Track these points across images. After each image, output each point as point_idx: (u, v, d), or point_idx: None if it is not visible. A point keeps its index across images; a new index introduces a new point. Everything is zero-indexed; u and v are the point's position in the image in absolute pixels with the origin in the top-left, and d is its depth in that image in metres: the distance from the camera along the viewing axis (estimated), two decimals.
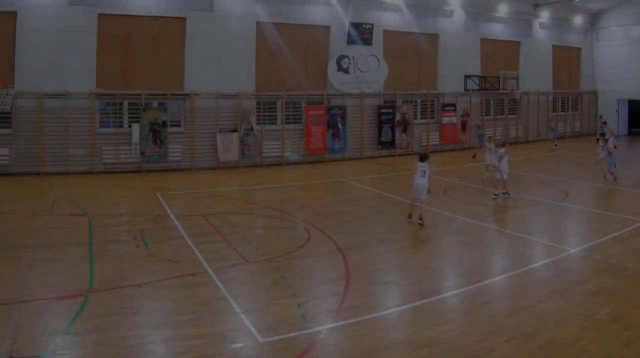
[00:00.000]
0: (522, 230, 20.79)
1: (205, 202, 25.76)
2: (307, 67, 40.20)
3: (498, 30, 49.82)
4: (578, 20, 55.15)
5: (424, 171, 21.26)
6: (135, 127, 34.19)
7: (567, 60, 55.82)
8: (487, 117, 48.77)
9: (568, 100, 56.10)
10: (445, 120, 45.52)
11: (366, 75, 41.72)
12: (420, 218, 21.18)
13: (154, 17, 35.02)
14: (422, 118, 45.15)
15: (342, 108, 40.60)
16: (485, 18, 48.68)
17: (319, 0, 40.01)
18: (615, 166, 29.91)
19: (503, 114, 50.16)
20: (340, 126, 40.33)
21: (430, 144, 44.69)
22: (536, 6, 50.72)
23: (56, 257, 17.04)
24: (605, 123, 34.65)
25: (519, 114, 51.31)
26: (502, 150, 26.18)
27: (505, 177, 25.61)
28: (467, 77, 46.73)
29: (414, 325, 12.30)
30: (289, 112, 39.47)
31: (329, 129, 39.95)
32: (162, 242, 18.99)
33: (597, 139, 36.38)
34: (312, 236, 19.62)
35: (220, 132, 36.19)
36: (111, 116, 34.76)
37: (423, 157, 21.95)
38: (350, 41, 40.92)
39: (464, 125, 46.37)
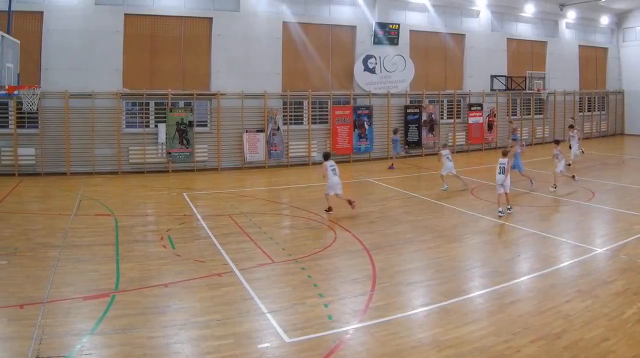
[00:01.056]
0: (549, 230, 20.24)
1: (232, 202, 25.15)
2: (333, 67, 39.37)
3: (524, 30, 48.65)
4: (604, 20, 53.60)
5: (334, 169, 22.93)
6: (162, 127, 33.70)
7: (593, 60, 54.44)
8: (514, 117, 47.46)
9: (594, 100, 54.61)
10: (471, 120, 44.55)
11: (392, 75, 40.75)
12: (350, 202, 22.66)
13: (180, 17, 34.43)
14: (448, 118, 44.29)
15: (369, 108, 39.80)
16: (512, 18, 47.47)
17: (345, 0, 39.27)
18: (561, 169, 28.77)
19: (529, 114, 49.27)
20: (366, 126, 39.50)
21: (456, 143, 43.93)
22: (562, 6, 49.22)
23: (82, 257, 16.73)
24: (572, 127, 33.03)
25: (545, 114, 50.20)
26: (504, 160, 22.47)
27: (507, 191, 22.61)
28: (493, 77, 45.67)
29: (440, 325, 12.03)
30: (315, 112, 38.74)
31: (355, 129, 39.14)
32: (189, 242, 18.55)
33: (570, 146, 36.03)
34: (339, 236, 19.21)
35: (246, 132, 35.58)
36: (137, 116, 34.28)
37: (326, 156, 23.88)
38: (376, 41, 40.03)
39: (490, 125, 45.30)
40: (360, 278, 15.04)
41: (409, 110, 41.51)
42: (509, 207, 22.45)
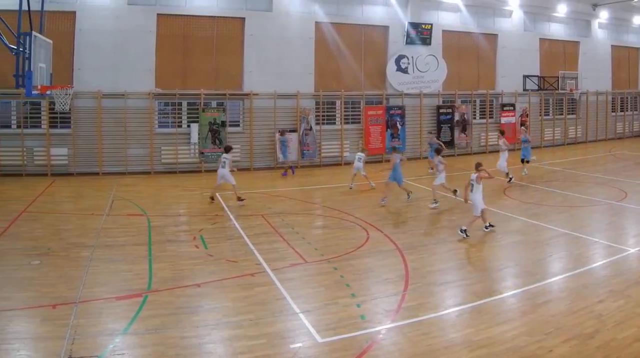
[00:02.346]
0: (581, 230, 19.70)
1: (264, 202, 24.56)
2: (365, 67, 38.20)
3: (557, 30, 46.97)
4: (637, 20, 51.57)
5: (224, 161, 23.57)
6: (194, 127, 32.93)
7: (625, 60, 52.53)
8: (546, 117, 46.26)
9: (627, 100, 52.73)
10: (504, 120, 43.00)
11: (425, 75, 39.50)
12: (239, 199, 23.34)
13: (213, 17, 33.59)
14: (481, 118, 42.90)
15: (401, 108, 38.63)
16: (544, 18, 45.85)
17: (378, 0, 38.11)
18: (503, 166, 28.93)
19: (562, 114, 47.56)
20: (399, 126, 38.39)
21: (489, 143, 42.50)
22: (595, 6, 47.42)
23: (115, 257, 16.50)
24: (503, 132, 31.37)
25: (578, 114, 48.54)
26: (474, 175, 19.31)
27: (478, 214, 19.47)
28: (526, 77, 44.26)
29: (472, 325, 11.81)
30: (348, 112, 37.65)
31: (388, 129, 38.08)
32: (221, 242, 18.18)
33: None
34: (371, 236, 18.80)
35: (279, 132, 34.45)
36: (170, 116, 33.61)
37: (227, 149, 24.56)
38: (409, 41, 38.76)
39: (523, 125, 42.76)
40: (392, 278, 14.79)
41: (441, 110, 40.29)
42: (487, 224, 19.39)
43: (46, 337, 10.95)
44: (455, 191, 24.65)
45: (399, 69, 38.80)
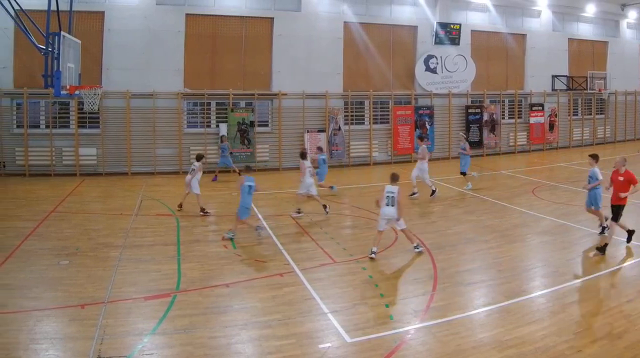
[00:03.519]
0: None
1: (293, 202, 23.55)
2: (394, 67, 37.04)
3: (585, 30, 45.25)
4: None
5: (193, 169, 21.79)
6: (223, 127, 32.11)
7: None
8: (575, 117, 44.65)
9: None
10: (532, 120, 41.61)
11: (454, 75, 38.28)
12: (203, 211, 21.64)
13: (242, 17, 32.74)
14: (509, 118, 41.41)
15: (430, 108, 37.44)
16: (573, 18, 44.21)
17: (407, 1, 36.95)
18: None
19: (591, 114, 45.82)
20: (427, 126, 37.18)
21: (518, 143, 41.19)
22: (624, 6, 45.64)
23: (143, 257, 16.19)
24: (422, 138, 29.44)
25: (606, 114, 46.85)
26: (395, 188, 16.34)
27: (403, 228, 16.78)
28: (554, 77, 42.92)
29: (501, 325, 11.57)
30: (377, 112, 36.48)
31: (417, 129, 36.76)
32: (250, 242, 17.74)
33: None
34: (400, 236, 17.87)
35: (307, 132, 33.68)
36: (198, 116, 33.02)
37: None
38: (437, 41, 37.60)
39: (551, 125, 42.44)
40: (421, 278, 14.47)
41: (470, 110, 39.02)
42: (415, 245, 16.71)
43: (75, 337, 10.78)
44: (325, 206, 21.94)
45: (428, 69, 37.64)
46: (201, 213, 21.56)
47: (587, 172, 18.35)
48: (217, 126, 32.40)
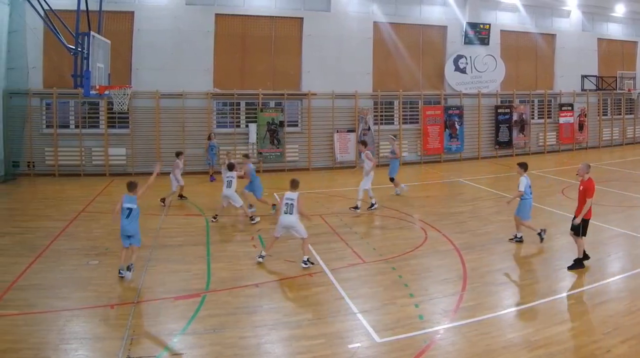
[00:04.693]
0: (638, 229, 18.46)
1: (322, 202, 23.37)
2: (423, 67, 35.64)
3: (615, 30, 43.29)
4: None
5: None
6: (252, 127, 31.13)
7: None
8: (605, 117, 42.73)
9: None
10: (562, 120, 39.95)
11: (483, 75, 36.77)
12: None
13: (271, 17, 31.69)
14: (539, 118, 39.82)
15: (459, 108, 35.97)
16: (602, 18, 42.30)
17: (436, 1, 35.53)
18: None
19: (620, 114, 43.98)
20: (457, 126, 35.81)
21: (547, 143, 39.63)
22: None
23: (173, 257, 15.90)
24: (365, 144, 27.02)
25: (636, 114, 44.86)
26: (294, 194, 15.34)
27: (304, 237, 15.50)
28: (584, 77, 41.19)
29: (530, 325, 11.27)
30: (406, 112, 35.11)
31: (446, 129, 35.47)
32: (279, 242, 16.49)
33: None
34: (429, 236, 17.86)
35: (337, 132, 32.49)
36: (228, 116, 31.97)
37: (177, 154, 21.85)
38: (467, 41, 36.18)
39: (581, 125, 40.76)
40: (450, 278, 14.11)
41: (499, 110, 37.48)
42: (305, 259, 15.11)
43: (104, 337, 10.63)
44: (252, 218, 20.10)
45: (457, 69, 36.22)
46: (161, 202, 21.62)
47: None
48: (247, 126, 31.37)
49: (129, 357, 9.83)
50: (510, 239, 17.21)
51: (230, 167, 20.08)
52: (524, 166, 17.11)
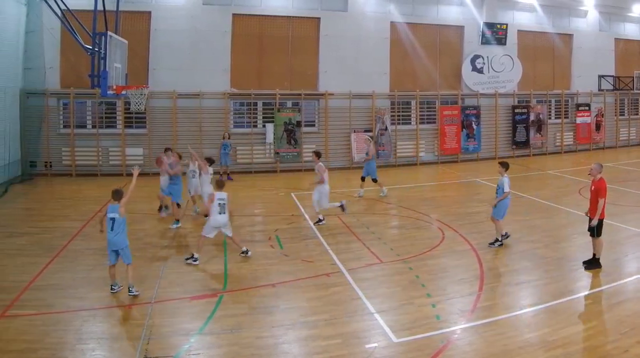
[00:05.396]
0: None
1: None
2: (441, 67, 34.76)
3: (632, 30, 42.11)
4: None
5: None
6: (270, 127, 30.42)
7: None
8: (622, 117, 41.68)
9: None
10: (579, 120, 38.96)
11: (500, 75, 35.83)
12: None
13: (288, 17, 30.96)
14: (556, 118, 38.82)
15: (477, 108, 35.05)
16: (619, 18, 41.19)
17: (453, 1, 34.64)
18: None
19: (637, 114, 42.87)
20: (474, 126, 34.92)
21: (564, 143, 38.68)
22: None
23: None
24: (319, 154, 25.37)
25: None
26: (222, 195, 15.09)
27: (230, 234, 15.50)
28: (601, 77, 40.09)
29: (547, 325, 10.98)
30: (423, 112, 34.22)
31: (463, 129, 34.61)
32: (297, 242, 17.02)
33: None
34: (446, 236, 17.54)
35: (354, 132, 31.69)
36: (245, 116, 31.34)
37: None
38: (484, 41, 35.24)
39: (598, 126, 39.81)
40: (467, 278, 13.81)
41: (516, 110, 36.56)
42: (244, 250, 15.44)
43: (121, 337, 10.50)
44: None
45: (475, 69, 35.30)
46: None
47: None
48: (264, 126, 30.70)
49: (146, 357, 9.66)
50: (491, 243, 16.50)
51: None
52: (505, 166, 16.36)
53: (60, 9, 19.15)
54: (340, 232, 18.14)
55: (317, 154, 19.87)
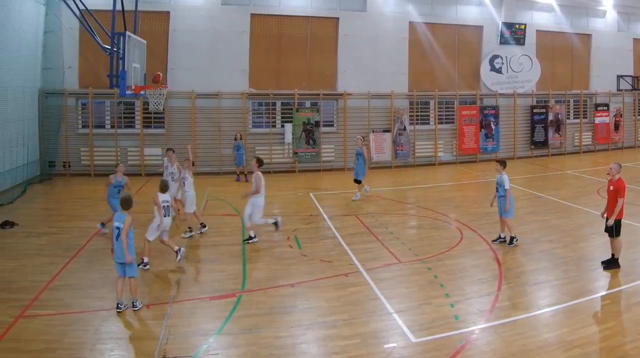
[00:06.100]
0: None
1: (358, 202, 22.31)
2: (459, 67, 33.84)
3: None
4: None
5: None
6: (288, 127, 29.68)
7: None
8: None
9: None
10: (598, 120, 37.89)
11: (519, 75, 34.85)
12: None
13: (307, 17, 30.20)
14: (574, 118, 37.73)
15: (495, 108, 34.04)
16: (638, 18, 39.81)
17: (472, 1, 33.69)
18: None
19: None
20: (492, 126, 33.92)
21: (583, 143, 37.66)
22: None
23: (209, 257, 15.43)
24: (260, 161, 24.22)
25: None
26: (166, 197, 14.67)
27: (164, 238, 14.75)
28: (619, 77, 38.95)
29: (566, 325, 10.69)
30: (442, 112, 33.28)
31: (482, 129, 33.62)
32: (315, 242, 16.72)
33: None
34: (465, 236, 17.14)
35: (373, 132, 30.86)
36: (264, 116, 30.69)
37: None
38: (503, 41, 34.26)
39: (617, 126, 38.67)
40: (486, 278, 13.50)
41: (535, 110, 35.56)
42: (177, 249, 14.51)
43: (140, 337, 10.31)
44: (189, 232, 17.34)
45: (493, 69, 34.30)
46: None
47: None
48: (282, 126, 30.06)
49: (165, 356, 9.49)
50: (494, 241, 16.27)
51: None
52: (504, 164, 16.08)
53: (78, 9, 18.90)
54: (358, 232, 17.74)
55: (258, 161, 17.09)
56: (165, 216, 14.15)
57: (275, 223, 16.98)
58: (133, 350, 9.87)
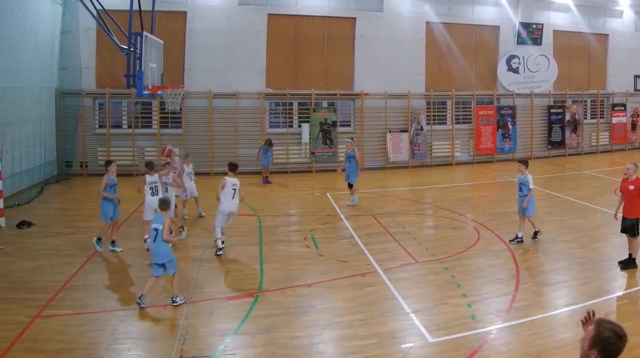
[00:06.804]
0: None
1: (375, 202, 22.09)
2: (476, 67, 32.91)
3: None
4: None
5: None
6: (305, 127, 29.01)
7: None
8: None
9: None
10: (615, 120, 36.91)
11: (536, 75, 33.90)
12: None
13: (324, 17, 29.43)
14: (591, 118, 36.77)
15: (512, 108, 33.15)
16: None
17: (489, 1, 32.76)
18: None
19: None
20: (510, 126, 33.05)
21: (600, 143, 36.74)
22: None
23: (226, 257, 15.06)
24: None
25: None
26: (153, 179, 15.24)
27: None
28: (637, 77, 37.79)
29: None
30: (459, 112, 32.46)
31: (499, 129, 32.74)
32: (332, 242, 16.46)
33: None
34: (482, 236, 16.86)
35: (390, 132, 30.11)
36: (281, 116, 30.19)
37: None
38: (520, 41, 33.34)
39: (634, 125, 37.62)
40: (503, 278, 13.29)
41: (552, 110, 34.63)
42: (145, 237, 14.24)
43: (157, 337, 10.20)
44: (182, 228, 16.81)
45: (510, 69, 33.35)
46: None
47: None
48: (299, 126, 29.42)
49: (182, 356, 9.38)
50: (511, 241, 16.02)
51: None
52: (526, 163, 16.03)
53: (95, 8, 18.46)
54: (375, 232, 17.44)
55: (229, 166, 15.84)
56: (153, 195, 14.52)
57: (219, 245, 15.07)
58: (150, 350, 9.72)
